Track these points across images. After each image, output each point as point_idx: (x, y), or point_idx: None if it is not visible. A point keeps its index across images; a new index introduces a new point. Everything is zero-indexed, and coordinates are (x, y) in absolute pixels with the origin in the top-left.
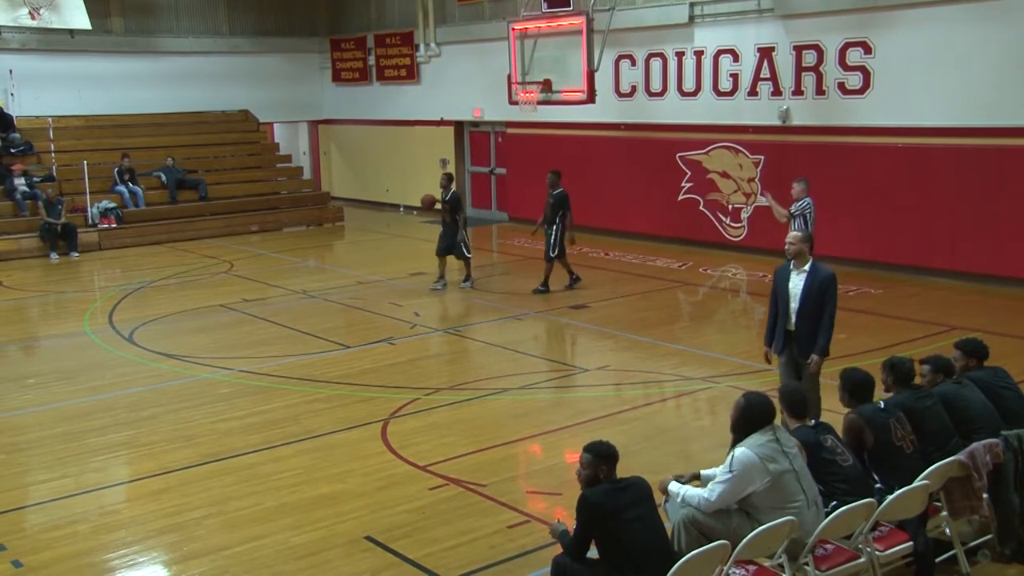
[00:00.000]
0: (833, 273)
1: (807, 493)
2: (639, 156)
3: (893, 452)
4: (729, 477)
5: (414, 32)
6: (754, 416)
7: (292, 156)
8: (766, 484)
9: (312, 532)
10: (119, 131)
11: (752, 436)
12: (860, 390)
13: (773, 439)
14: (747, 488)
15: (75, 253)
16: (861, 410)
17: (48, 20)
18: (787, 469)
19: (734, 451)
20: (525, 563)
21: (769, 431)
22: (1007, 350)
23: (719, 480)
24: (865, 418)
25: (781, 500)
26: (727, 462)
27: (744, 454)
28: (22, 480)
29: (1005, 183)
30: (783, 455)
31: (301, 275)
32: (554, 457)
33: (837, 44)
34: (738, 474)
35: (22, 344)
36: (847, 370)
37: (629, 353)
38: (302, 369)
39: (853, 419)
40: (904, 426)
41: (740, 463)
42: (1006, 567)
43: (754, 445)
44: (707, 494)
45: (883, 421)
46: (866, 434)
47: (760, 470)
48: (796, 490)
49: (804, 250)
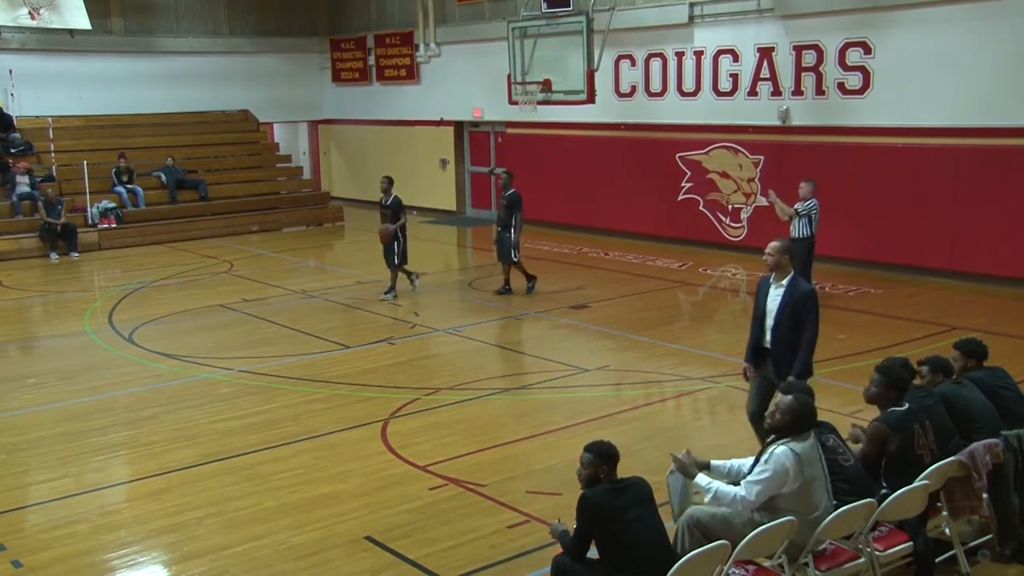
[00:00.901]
0: (812, 289)
1: (829, 499)
2: (639, 156)
3: (913, 462)
4: (766, 476)
5: (414, 32)
6: (804, 419)
7: (292, 156)
8: (795, 487)
9: (312, 532)
10: (119, 131)
11: (797, 437)
12: (904, 386)
13: (813, 443)
14: (779, 488)
15: (75, 253)
16: (887, 417)
17: (48, 20)
18: (817, 476)
19: (774, 448)
20: (525, 563)
21: (811, 435)
22: (1007, 350)
23: (755, 478)
24: (891, 426)
25: (803, 506)
26: (764, 459)
27: (784, 453)
28: (22, 480)
29: (1004, 183)
30: (818, 461)
31: (301, 275)
32: (554, 457)
33: (837, 44)
34: (776, 473)
35: (22, 344)
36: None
37: (629, 353)
38: (302, 369)
39: (879, 427)
40: (927, 434)
41: (779, 462)
42: (1006, 567)
43: (796, 446)
44: (744, 492)
45: (909, 428)
46: (891, 443)
47: (796, 472)
48: (820, 499)
49: (783, 262)
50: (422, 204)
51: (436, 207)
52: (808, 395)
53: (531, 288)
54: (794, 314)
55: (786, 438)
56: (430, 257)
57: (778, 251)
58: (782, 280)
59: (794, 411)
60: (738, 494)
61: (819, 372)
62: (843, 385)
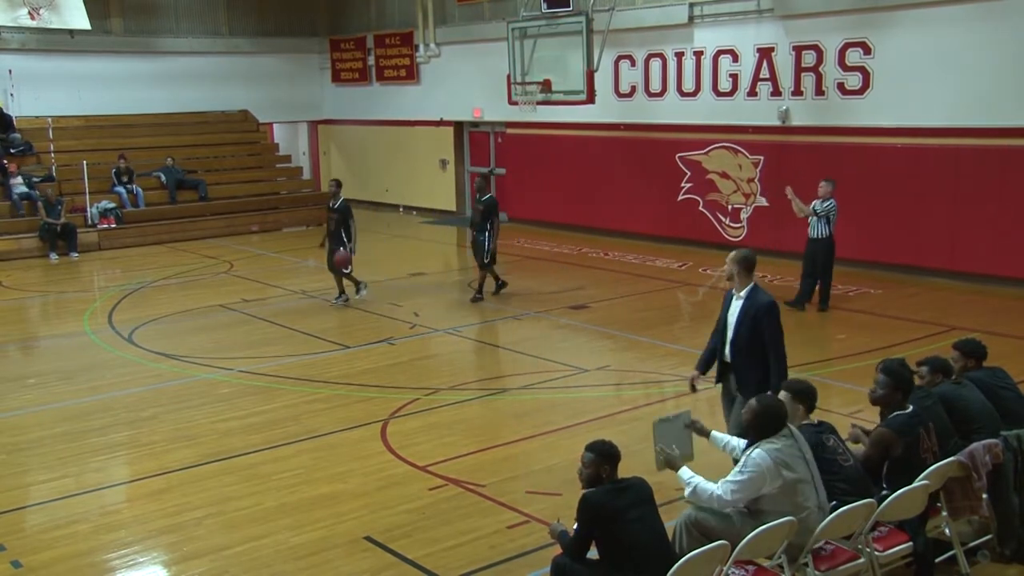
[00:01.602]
0: (772, 301)
1: (818, 496)
2: (639, 156)
3: (917, 465)
4: (742, 478)
5: (414, 32)
6: (768, 420)
7: (292, 156)
8: (777, 488)
9: (312, 532)
10: (119, 131)
11: (770, 439)
12: (909, 388)
13: (792, 443)
14: (759, 490)
15: (75, 253)
16: (892, 422)
17: (48, 20)
18: (802, 477)
19: (750, 452)
20: (525, 563)
21: (787, 435)
22: (1007, 350)
23: (731, 479)
24: (896, 430)
25: (790, 504)
26: (742, 461)
27: (760, 456)
28: (22, 480)
29: (1004, 183)
30: (800, 459)
31: (301, 275)
32: (554, 457)
33: (836, 44)
34: (752, 476)
35: (22, 344)
36: (898, 365)
37: (629, 353)
38: (302, 369)
39: (885, 433)
40: (931, 435)
41: (755, 464)
42: (1006, 567)
43: (772, 449)
44: (719, 491)
45: (914, 433)
46: (895, 448)
47: (773, 474)
48: (807, 496)
49: (735, 272)
50: (422, 204)
51: (436, 207)
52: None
53: (478, 298)
54: (753, 325)
55: (759, 439)
56: (430, 257)
57: (733, 260)
58: (741, 292)
59: (759, 412)
60: (715, 492)
61: (819, 372)
62: (843, 385)
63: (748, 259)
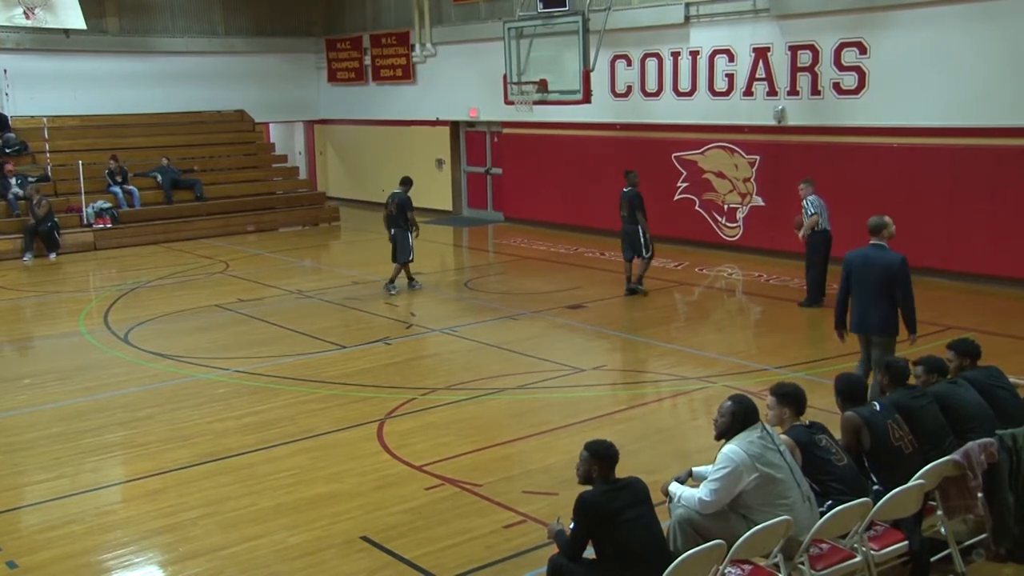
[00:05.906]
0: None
1: (800, 488)
2: (635, 156)
3: (892, 452)
4: (720, 475)
5: (410, 32)
6: (741, 418)
7: (288, 156)
8: (755, 481)
9: (308, 532)
10: (114, 131)
11: (740, 434)
12: (853, 394)
13: (762, 435)
14: (738, 485)
15: (53, 255)
16: (859, 410)
17: (43, 20)
18: (777, 465)
19: (721, 448)
20: (521, 563)
21: (756, 428)
22: (1002, 350)
23: (711, 479)
24: (863, 418)
25: (772, 498)
26: (716, 459)
27: (732, 450)
28: (17, 480)
29: (999, 183)
30: (774, 452)
31: (297, 275)
32: (550, 457)
33: (832, 44)
34: (728, 471)
35: (17, 344)
36: (841, 375)
37: (625, 353)
38: (298, 369)
39: (851, 417)
40: (901, 427)
41: (728, 459)
42: (1001, 566)
43: (743, 442)
44: (701, 494)
45: (880, 422)
46: (863, 434)
47: (748, 467)
48: (787, 487)
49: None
50: (418, 204)
51: (432, 207)
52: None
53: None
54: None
55: (731, 438)
56: (426, 257)
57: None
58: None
59: (732, 412)
60: (697, 496)
61: (817, 372)
62: None
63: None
